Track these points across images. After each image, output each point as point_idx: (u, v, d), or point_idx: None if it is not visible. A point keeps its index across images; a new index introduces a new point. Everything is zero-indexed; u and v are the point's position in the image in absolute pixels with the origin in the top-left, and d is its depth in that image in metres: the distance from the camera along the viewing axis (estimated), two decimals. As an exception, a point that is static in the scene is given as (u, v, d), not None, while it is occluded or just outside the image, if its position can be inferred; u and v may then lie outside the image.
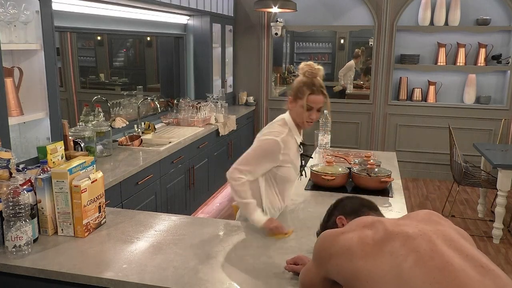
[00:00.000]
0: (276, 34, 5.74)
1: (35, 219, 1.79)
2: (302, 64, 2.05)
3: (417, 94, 5.65)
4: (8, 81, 2.27)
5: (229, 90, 5.96)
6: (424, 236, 1.05)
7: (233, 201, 2.27)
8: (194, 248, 1.77)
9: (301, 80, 2.04)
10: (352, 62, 7.50)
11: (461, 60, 5.43)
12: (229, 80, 5.94)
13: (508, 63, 5.27)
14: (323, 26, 5.97)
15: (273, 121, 2.16)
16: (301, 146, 2.16)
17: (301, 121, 2.07)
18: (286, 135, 2.06)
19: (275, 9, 4.77)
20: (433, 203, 4.90)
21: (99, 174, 1.95)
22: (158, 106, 4.10)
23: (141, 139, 3.64)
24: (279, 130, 2.06)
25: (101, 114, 3.26)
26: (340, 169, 2.69)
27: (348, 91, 7.48)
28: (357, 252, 1.07)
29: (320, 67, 2.04)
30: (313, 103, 2.00)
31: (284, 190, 2.16)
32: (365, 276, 1.03)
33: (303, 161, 2.19)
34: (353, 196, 1.58)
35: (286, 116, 2.13)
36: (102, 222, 1.97)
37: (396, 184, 2.69)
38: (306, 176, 2.39)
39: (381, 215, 1.44)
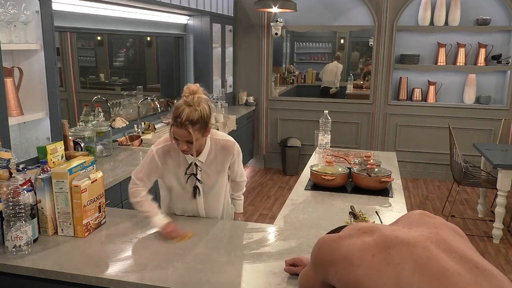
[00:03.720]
0: (276, 34, 5.74)
1: (35, 219, 1.79)
2: (186, 87, 1.85)
3: (417, 94, 5.65)
4: (8, 81, 2.27)
5: (229, 90, 5.96)
6: (419, 243, 1.04)
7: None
8: (194, 248, 1.77)
9: (177, 104, 1.86)
10: (335, 64, 7.70)
11: (461, 60, 5.43)
12: (229, 80, 5.94)
13: (508, 63, 5.27)
14: (323, 26, 5.97)
15: None
16: (193, 167, 2.00)
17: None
18: (164, 146, 1.98)
19: (275, 9, 4.77)
20: (433, 203, 4.89)
21: (99, 174, 1.95)
22: (158, 106, 4.10)
23: (141, 139, 3.64)
24: (159, 141, 2.02)
25: (101, 114, 3.26)
26: (340, 169, 2.70)
27: (349, 91, 7.52)
28: (356, 260, 1.06)
29: (202, 96, 1.85)
30: (176, 135, 1.86)
31: (176, 201, 2.12)
32: (367, 285, 1.03)
33: (196, 182, 2.04)
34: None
35: None
36: (102, 222, 1.97)
37: (396, 184, 2.69)
38: (197, 196, 2.09)
39: None
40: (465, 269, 0.99)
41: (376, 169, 2.68)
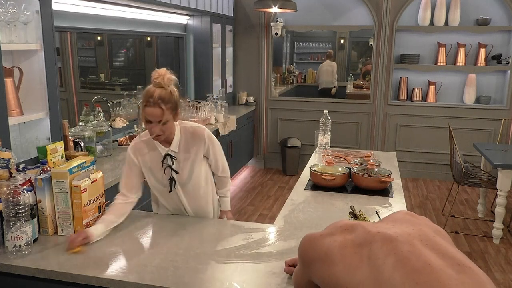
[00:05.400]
0: (276, 34, 5.74)
1: (35, 219, 1.79)
2: (154, 72, 1.90)
3: (417, 94, 5.65)
4: (8, 81, 2.27)
5: (229, 90, 5.96)
6: (402, 237, 1.04)
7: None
8: (194, 248, 1.77)
9: (146, 89, 1.91)
10: (328, 63, 7.68)
11: (461, 60, 5.43)
12: (229, 80, 5.94)
13: (508, 63, 5.27)
14: (323, 26, 5.97)
15: None
16: (167, 158, 2.03)
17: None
18: (137, 143, 2.04)
19: (275, 9, 4.77)
20: (433, 203, 4.90)
21: (99, 174, 1.95)
22: (158, 106, 4.09)
23: (141, 139, 3.64)
24: (135, 139, 2.08)
25: (101, 114, 3.27)
26: (340, 169, 2.70)
27: (349, 91, 7.52)
28: (336, 258, 1.06)
29: (171, 76, 1.90)
30: (149, 116, 1.88)
31: (161, 198, 2.15)
32: (345, 283, 1.02)
33: (172, 174, 2.05)
34: None
35: None
36: (102, 222, 1.97)
37: (396, 184, 2.69)
38: (173, 189, 2.09)
39: None
40: (448, 265, 0.99)
41: (376, 169, 2.68)
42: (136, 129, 3.92)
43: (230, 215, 2.35)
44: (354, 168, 2.69)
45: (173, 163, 2.04)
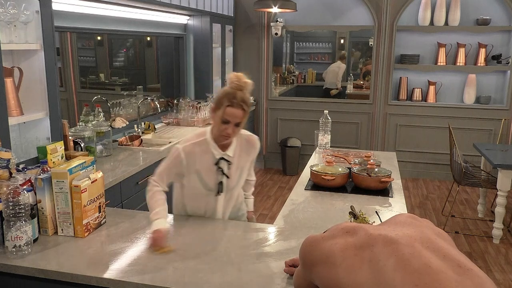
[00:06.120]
0: (276, 34, 5.74)
1: (35, 219, 1.79)
2: (232, 75, 1.95)
3: (417, 94, 5.65)
4: (8, 81, 2.27)
5: (229, 90, 5.95)
6: (403, 240, 1.04)
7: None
8: (194, 248, 1.77)
9: (225, 90, 1.94)
10: (337, 64, 7.62)
11: (461, 60, 5.43)
12: (229, 80, 5.93)
13: (508, 63, 5.27)
14: (323, 26, 5.97)
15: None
16: (221, 162, 2.02)
17: (217, 133, 1.96)
18: (193, 144, 2.00)
19: (275, 9, 4.77)
20: (433, 203, 4.90)
21: (99, 174, 1.95)
22: (158, 106, 4.10)
23: (141, 139, 3.64)
24: (187, 139, 2.03)
25: (101, 114, 3.26)
26: (340, 169, 2.70)
27: (349, 91, 7.52)
28: (337, 260, 1.06)
29: (249, 81, 1.94)
30: (230, 116, 1.89)
31: (194, 200, 2.11)
32: (346, 285, 1.03)
33: (222, 178, 2.04)
34: None
35: (210, 126, 2.06)
36: (102, 222, 1.97)
37: (396, 184, 2.69)
38: (220, 193, 2.08)
39: None
40: (448, 267, 0.99)
41: (376, 169, 2.68)
42: (136, 129, 3.92)
43: (254, 215, 2.45)
44: (354, 168, 2.69)
45: (228, 168, 2.03)
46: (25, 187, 1.76)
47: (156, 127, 4.19)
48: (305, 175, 2.84)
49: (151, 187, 2.01)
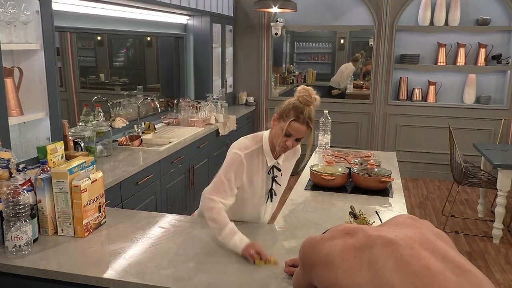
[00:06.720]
0: (276, 34, 5.74)
1: (35, 219, 1.79)
2: (301, 87, 1.88)
3: (417, 94, 5.65)
4: (8, 81, 2.27)
5: (229, 90, 5.96)
6: (402, 241, 1.05)
7: None
8: (194, 248, 1.77)
9: (293, 102, 1.86)
10: (346, 64, 7.57)
11: (461, 60, 5.43)
12: (229, 80, 5.94)
13: (508, 63, 5.27)
14: (323, 26, 5.97)
15: (251, 134, 2.06)
16: (273, 170, 1.99)
17: (276, 143, 1.91)
18: (251, 151, 1.93)
19: (275, 9, 4.77)
20: (433, 203, 4.90)
21: (99, 174, 1.95)
22: (158, 106, 4.10)
23: (141, 139, 3.64)
24: (246, 145, 1.95)
25: (101, 114, 3.26)
26: (340, 169, 2.70)
27: (349, 91, 7.51)
28: (337, 261, 1.07)
29: (318, 97, 1.87)
30: (293, 131, 1.85)
31: (239, 207, 2.00)
32: (345, 286, 1.03)
33: (273, 185, 2.02)
34: None
35: (266, 133, 2.01)
36: (102, 222, 1.97)
37: (396, 184, 2.69)
38: (271, 201, 2.09)
39: None
40: (447, 268, 0.99)
41: (376, 169, 2.68)
42: (136, 129, 3.92)
43: None
44: (354, 168, 2.69)
45: (281, 175, 2.03)
46: (25, 187, 1.76)
47: (156, 127, 4.19)
48: (305, 175, 2.84)
49: (214, 204, 1.83)
